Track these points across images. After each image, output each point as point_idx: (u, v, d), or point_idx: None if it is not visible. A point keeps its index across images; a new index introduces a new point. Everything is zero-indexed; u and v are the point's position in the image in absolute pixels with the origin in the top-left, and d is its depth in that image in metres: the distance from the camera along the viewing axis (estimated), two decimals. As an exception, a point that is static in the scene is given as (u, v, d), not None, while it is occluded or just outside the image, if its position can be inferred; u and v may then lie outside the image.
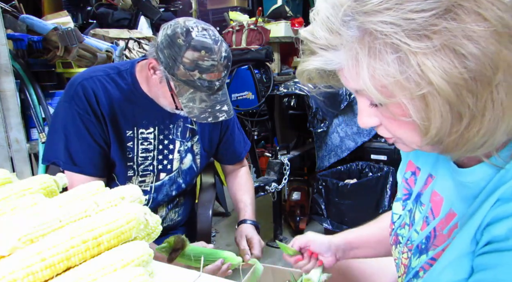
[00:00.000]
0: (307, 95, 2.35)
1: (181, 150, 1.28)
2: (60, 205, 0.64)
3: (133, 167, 1.21)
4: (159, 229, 0.72)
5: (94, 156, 1.15)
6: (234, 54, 3.34)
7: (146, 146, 1.21)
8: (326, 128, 2.39)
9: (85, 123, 1.12)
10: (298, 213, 2.72)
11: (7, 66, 1.67)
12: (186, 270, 0.80)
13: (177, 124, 1.27)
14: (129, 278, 0.53)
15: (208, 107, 1.10)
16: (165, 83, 1.11)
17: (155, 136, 1.22)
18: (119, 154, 1.18)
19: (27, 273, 0.51)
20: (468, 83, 0.46)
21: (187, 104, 1.09)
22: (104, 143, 1.16)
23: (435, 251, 0.69)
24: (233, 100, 3.26)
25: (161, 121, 1.23)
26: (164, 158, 1.25)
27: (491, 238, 0.55)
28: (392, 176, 2.31)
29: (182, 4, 3.49)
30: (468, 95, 0.46)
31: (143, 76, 1.18)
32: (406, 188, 0.83)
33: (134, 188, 0.71)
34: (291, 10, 4.03)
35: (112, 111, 1.15)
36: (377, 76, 0.48)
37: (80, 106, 1.12)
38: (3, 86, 1.68)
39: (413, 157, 0.81)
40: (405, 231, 0.79)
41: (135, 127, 1.19)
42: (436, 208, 0.71)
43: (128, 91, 1.18)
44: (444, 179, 0.69)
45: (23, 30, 2.07)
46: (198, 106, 1.09)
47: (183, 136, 1.28)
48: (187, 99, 1.09)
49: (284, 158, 2.32)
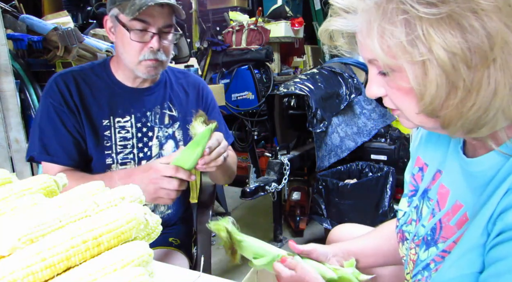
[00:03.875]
0: (307, 95, 2.35)
1: (160, 135, 1.28)
2: (60, 205, 0.64)
3: (112, 155, 1.22)
4: (159, 229, 0.72)
5: (68, 146, 1.18)
6: (234, 54, 3.37)
7: (124, 134, 1.23)
8: (325, 128, 2.39)
9: (59, 115, 1.17)
10: (298, 213, 2.72)
11: (7, 66, 1.67)
12: (186, 270, 0.80)
13: (154, 111, 1.28)
14: (129, 278, 0.53)
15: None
16: (120, 28, 1.14)
17: (132, 124, 1.24)
18: (95, 143, 1.20)
19: (27, 273, 0.51)
20: (465, 55, 0.49)
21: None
22: (78, 133, 1.19)
23: (446, 243, 0.69)
24: (233, 100, 3.26)
25: (137, 109, 1.25)
26: (144, 146, 1.26)
27: (504, 227, 0.55)
28: (392, 176, 2.31)
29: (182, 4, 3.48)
30: (464, 68, 0.49)
31: (115, 64, 1.25)
32: (412, 184, 0.83)
33: (134, 188, 0.71)
34: (291, 10, 4.03)
35: (86, 102, 1.20)
36: (385, 37, 0.52)
37: (54, 99, 1.17)
38: (3, 86, 1.68)
39: (422, 152, 0.82)
40: (412, 227, 0.80)
41: (111, 117, 1.22)
42: (442, 200, 0.71)
43: (102, 82, 1.24)
44: (452, 172, 0.70)
45: (23, 30, 2.07)
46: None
47: (161, 123, 1.29)
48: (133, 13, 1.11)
49: (284, 158, 2.32)
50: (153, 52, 1.15)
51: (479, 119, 0.52)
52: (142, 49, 1.15)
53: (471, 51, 0.49)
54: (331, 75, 2.65)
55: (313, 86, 2.44)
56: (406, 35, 0.50)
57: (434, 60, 0.50)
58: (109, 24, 1.19)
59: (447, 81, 0.51)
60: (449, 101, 0.52)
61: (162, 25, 1.15)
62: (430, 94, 0.52)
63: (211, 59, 3.25)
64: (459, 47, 0.48)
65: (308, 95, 2.35)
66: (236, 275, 2.30)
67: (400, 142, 2.54)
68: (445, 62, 0.49)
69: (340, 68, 2.73)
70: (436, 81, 0.51)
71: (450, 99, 0.52)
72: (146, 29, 1.13)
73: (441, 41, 0.48)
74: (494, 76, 0.49)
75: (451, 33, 0.48)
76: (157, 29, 1.14)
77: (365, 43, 0.57)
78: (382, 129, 2.64)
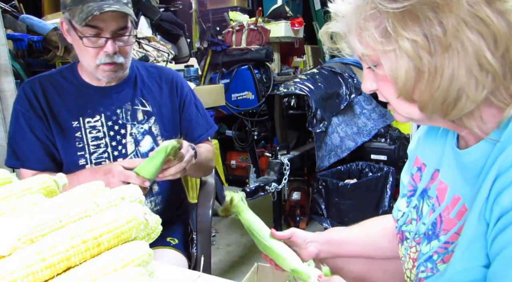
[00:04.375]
0: (307, 95, 2.35)
1: (134, 132, 1.27)
2: (60, 205, 0.64)
3: (85, 156, 1.22)
4: (159, 229, 0.72)
5: (37, 151, 1.20)
6: (234, 54, 3.37)
7: (95, 134, 1.23)
8: (325, 128, 2.39)
9: (27, 121, 1.20)
10: (298, 213, 2.72)
11: (7, 66, 1.67)
12: (186, 270, 0.80)
13: (124, 108, 1.27)
14: (129, 278, 0.53)
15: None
16: (73, 32, 1.13)
17: (103, 123, 1.24)
18: (66, 145, 1.21)
19: (27, 273, 0.51)
20: (425, 43, 0.56)
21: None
22: (47, 138, 1.21)
23: (448, 235, 0.70)
24: (233, 100, 3.26)
25: (107, 107, 1.25)
26: (118, 144, 1.26)
27: (501, 211, 0.56)
28: (392, 176, 2.31)
29: (182, 4, 3.49)
30: (425, 54, 0.57)
31: (81, 66, 1.25)
32: (411, 184, 0.85)
33: (134, 188, 0.71)
34: (291, 10, 4.03)
35: (54, 106, 1.22)
36: (362, 33, 0.61)
37: (22, 106, 1.21)
38: (3, 86, 1.68)
39: (420, 153, 0.84)
40: (412, 226, 0.81)
41: (80, 118, 1.23)
42: (442, 195, 0.73)
43: (70, 84, 1.25)
44: (449, 167, 0.72)
45: (23, 30, 2.08)
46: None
47: (134, 119, 1.28)
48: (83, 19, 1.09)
49: (284, 158, 2.32)
50: (109, 56, 1.14)
51: (446, 100, 0.59)
52: (97, 53, 1.14)
53: (429, 40, 0.56)
54: (331, 75, 2.65)
55: (313, 86, 2.44)
56: (376, 27, 0.59)
57: (401, 49, 0.58)
58: (65, 26, 1.18)
59: (414, 67, 0.58)
60: (419, 85, 0.60)
61: (116, 29, 1.13)
62: (401, 79, 0.60)
63: (211, 59, 3.25)
64: (420, 37, 0.56)
65: (308, 95, 2.35)
66: (236, 275, 2.30)
67: (400, 141, 2.54)
68: (409, 50, 0.57)
69: (340, 68, 2.73)
70: (405, 67, 0.59)
71: (420, 83, 0.59)
72: (99, 35, 1.12)
73: (405, 32, 0.57)
74: (451, 60, 0.56)
75: (412, 24, 0.56)
76: (110, 33, 1.12)
77: (352, 41, 0.64)
78: (382, 129, 2.64)
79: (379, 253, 0.97)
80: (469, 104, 0.58)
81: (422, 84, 0.59)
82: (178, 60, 2.89)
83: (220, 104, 2.87)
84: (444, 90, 0.58)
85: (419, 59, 0.57)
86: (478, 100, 0.58)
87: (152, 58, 2.39)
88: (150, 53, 2.42)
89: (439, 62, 0.57)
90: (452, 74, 0.57)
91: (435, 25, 0.55)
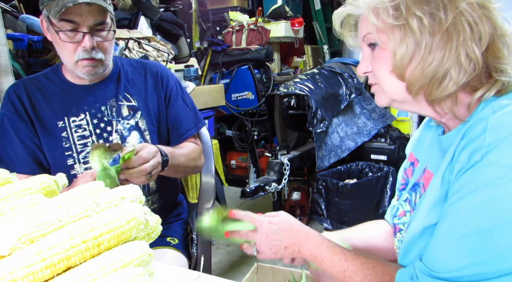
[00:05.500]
0: (307, 95, 2.35)
1: (120, 129, 1.26)
2: (60, 205, 0.64)
3: (73, 156, 1.22)
4: (159, 229, 0.72)
5: (22, 154, 1.20)
6: (234, 54, 3.36)
7: (81, 132, 1.23)
8: (325, 128, 2.39)
9: (12, 125, 1.20)
10: (298, 213, 2.72)
11: (7, 66, 1.67)
12: (186, 270, 0.80)
13: (109, 104, 1.27)
14: (129, 278, 0.53)
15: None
16: (51, 29, 1.13)
17: (88, 121, 1.24)
18: (52, 146, 1.21)
19: (27, 273, 0.51)
20: (429, 23, 0.64)
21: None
22: (32, 142, 1.21)
23: None
24: (233, 100, 3.26)
25: (91, 105, 1.25)
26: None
27: (460, 167, 0.62)
28: (392, 176, 2.31)
29: (182, 4, 3.48)
30: (426, 32, 0.64)
31: (64, 65, 1.24)
32: (404, 177, 0.90)
33: (134, 188, 0.71)
34: (291, 10, 4.03)
35: (38, 108, 1.22)
36: (377, 9, 0.67)
37: (7, 110, 1.21)
38: (3, 86, 1.67)
39: (414, 149, 0.89)
40: (406, 218, 0.84)
41: (65, 117, 1.22)
42: (427, 183, 0.77)
43: (54, 85, 1.25)
44: (435, 158, 0.76)
45: (23, 30, 2.07)
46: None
47: (119, 115, 1.27)
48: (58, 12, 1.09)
49: (284, 158, 2.32)
50: (87, 52, 1.14)
51: (434, 76, 0.65)
52: (76, 49, 1.14)
53: (433, 20, 0.63)
54: (331, 75, 2.65)
55: (313, 86, 2.44)
56: (391, 2, 0.65)
57: (408, 25, 0.64)
58: (44, 25, 1.18)
59: (414, 42, 0.65)
60: (413, 62, 0.66)
61: (93, 23, 1.13)
62: (400, 53, 0.66)
63: (211, 59, 3.25)
64: (426, 16, 0.63)
65: (308, 95, 2.35)
66: (236, 275, 2.30)
67: (400, 142, 2.54)
68: (415, 27, 0.64)
69: (340, 68, 2.73)
70: (407, 42, 0.65)
71: (414, 58, 0.66)
72: (76, 29, 1.12)
73: (415, 10, 0.64)
74: (446, 43, 0.64)
75: (422, 4, 0.64)
76: (87, 27, 1.12)
77: (364, 18, 0.71)
78: (382, 129, 2.64)
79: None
80: (450, 85, 0.65)
81: (416, 60, 0.66)
82: (178, 60, 2.88)
83: (220, 104, 2.87)
84: (434, 68, 0.65)
85: (420, 36, 0.64)
86: (458, 83, 0.65)
87: (152, 58, 2.38)
88: (150, 53, 2.41)
89: (435, 43, 0.64)
90: (444, 55, 0.64)
91: (440, 9, 0.63)
